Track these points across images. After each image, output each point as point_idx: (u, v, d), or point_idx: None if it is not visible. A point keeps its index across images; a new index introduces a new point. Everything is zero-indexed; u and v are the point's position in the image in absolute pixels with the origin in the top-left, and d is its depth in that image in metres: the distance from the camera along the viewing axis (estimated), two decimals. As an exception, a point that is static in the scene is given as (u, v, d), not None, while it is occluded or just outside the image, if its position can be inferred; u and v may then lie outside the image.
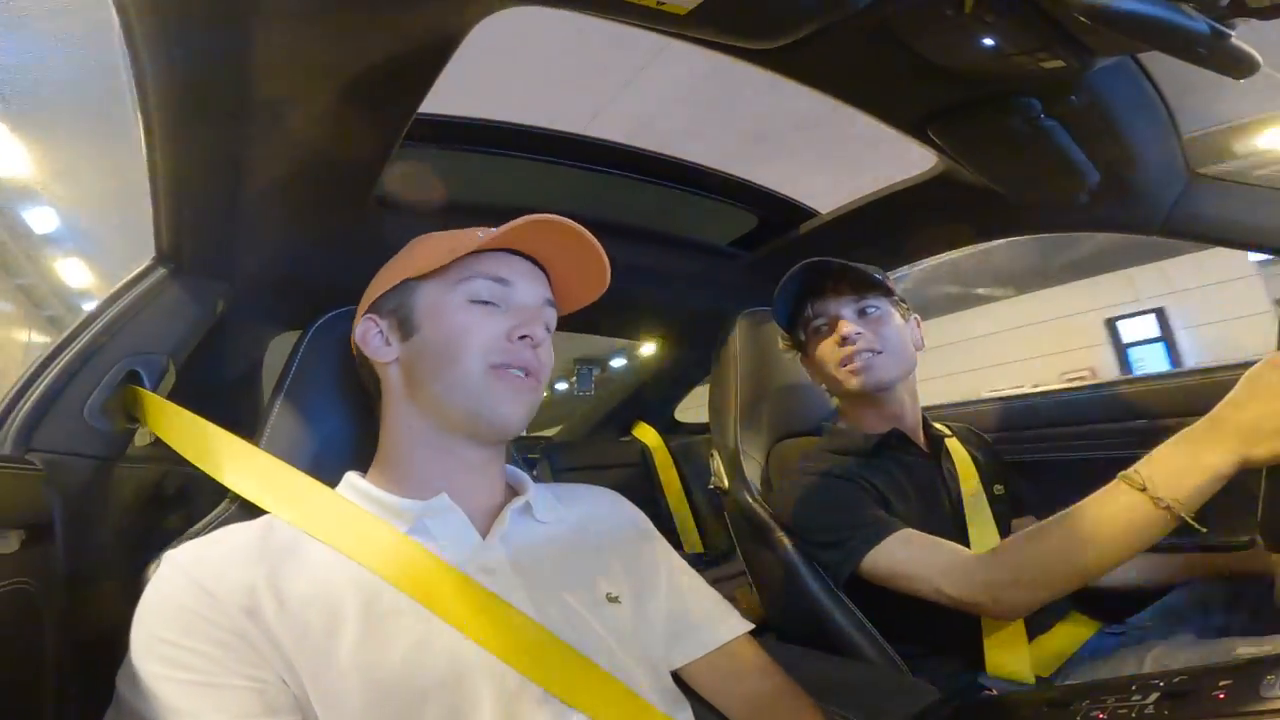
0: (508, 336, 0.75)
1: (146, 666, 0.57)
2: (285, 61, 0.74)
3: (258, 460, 0.78)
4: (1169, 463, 0.80)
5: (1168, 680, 0.66)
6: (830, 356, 1.20)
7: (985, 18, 0.78)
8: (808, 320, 1.24)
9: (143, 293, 0.97)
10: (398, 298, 0.79)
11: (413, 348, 0.77)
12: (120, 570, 0.85)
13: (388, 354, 0.78)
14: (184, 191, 0.89)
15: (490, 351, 0.74)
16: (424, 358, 0.75)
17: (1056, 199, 1.26)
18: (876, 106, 1.05)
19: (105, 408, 0.89)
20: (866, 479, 1.12)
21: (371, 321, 0.80)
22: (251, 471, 0.77)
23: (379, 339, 0.79)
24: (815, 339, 1.23)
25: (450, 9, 0.73)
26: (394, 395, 0.78)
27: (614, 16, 0.76)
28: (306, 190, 0.96)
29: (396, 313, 0.78)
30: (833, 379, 1.21)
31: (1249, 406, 0.75)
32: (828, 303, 1.22)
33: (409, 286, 0.79)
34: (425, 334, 0.76)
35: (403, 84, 0.82)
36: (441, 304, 0.76)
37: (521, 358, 0.75)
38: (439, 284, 0.77)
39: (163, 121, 0.78)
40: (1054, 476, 1.35)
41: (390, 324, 0.78)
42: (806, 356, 1.28)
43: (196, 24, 0.67)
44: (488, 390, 0.73)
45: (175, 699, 0.56)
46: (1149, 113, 1.05)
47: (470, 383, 0.73)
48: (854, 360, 1.17)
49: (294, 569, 0.65)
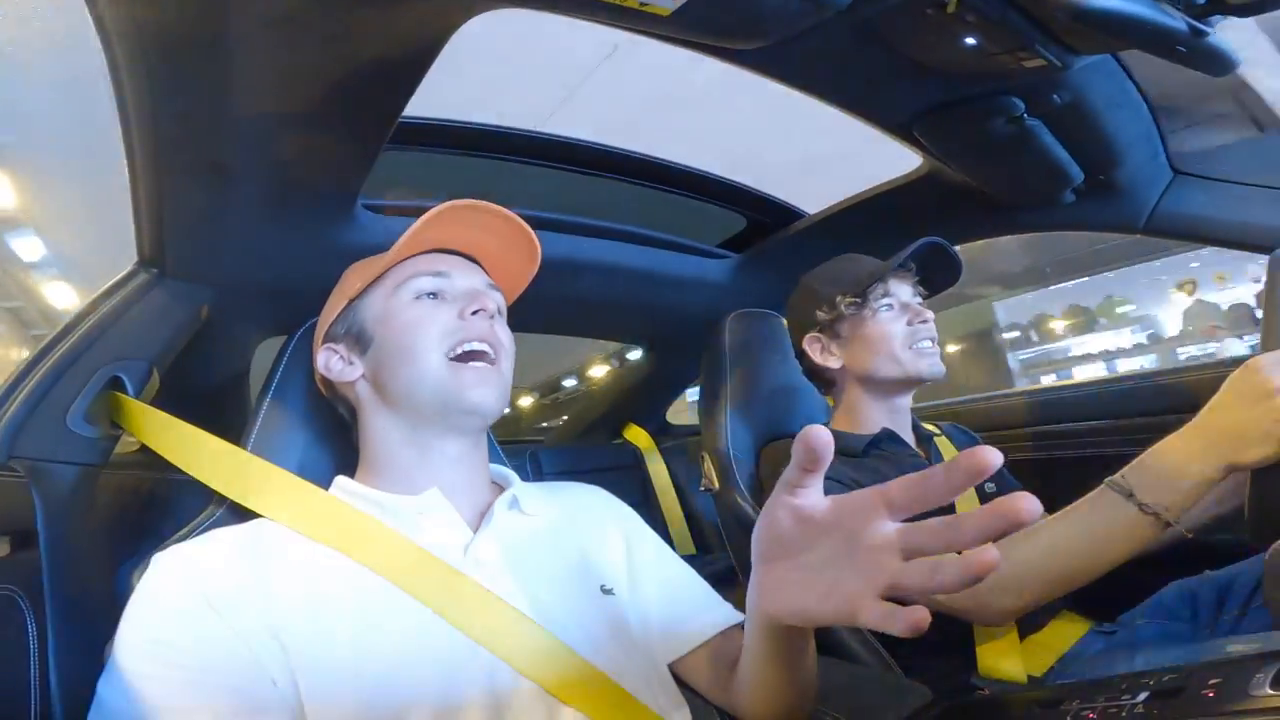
0: (460, 316, 0.76)
1: (135, 667, 0.57)
2: (268, 66, 0.73)
3: (245, 463, 0.78)
4: (1155, 469, 0.80)
5: (1157, 679, 0.66)
6: (899, 334, 1.19)
7: (968, 17, 0.79)
8: (871, 295, 1.21)
9: (125, 298, 0.96)
10: (345, 321, 0.81)
11: (372, 358, 0.78)
12: (106, 576, 0.84)
13: (352, 372, 0.80)
14: (166, 196, 0.88)
15: (446, 337, 0.75)
16: (385, 363, 0.77)
17: (1041, 198, 1.27)
18: (861, 107, 1.05)
19: (89, 414, 0.88)
20: (856, 481, 1.12)
21: (329, 351, 0.81)
22: (240, 474, 0.77)
23: (340, 363, 0.80)
24: (873, 314, 1.20)
25: (433, 13, 0.73)
26: (368, 406, 0.79)
27: (596, 18, 0.76)
28: (291, 194, 0.96)
29: (349, 333, 0.81)
30: (894, 359, 1.19)
31: (1232, 412, 0.75)
32: (903, 284, 1.22)
33: (353, 307, 0.81)
34: (380, 340, 0.78)
35: (387, 88, 0.82)
36: (388, 309, 0.78)
37: (478, 330, 0.76)
38: (380, 294, 0.80)
39: (144, 125, 0.78)
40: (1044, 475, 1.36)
41: (347, 345, 0.81)
42: (837, 335, 1.24)
43: (178, 29, 0.66)
44: (452, 378, 0.75)
45: (165, 699, 0.55)
46: (1132, 111, 1.06)
47: (433, 372, 0.75)
48: (924, 343, 1.18)
49: (284, 568, 0.65)
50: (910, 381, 1.21)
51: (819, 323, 1.25)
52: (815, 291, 1.27)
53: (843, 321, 1.23)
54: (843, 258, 1.28)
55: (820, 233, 1.56)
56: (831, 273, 1.27)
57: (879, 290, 1.20)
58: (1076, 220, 1.38)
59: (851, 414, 1.26)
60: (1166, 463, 0.79)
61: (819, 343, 1.26)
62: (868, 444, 1.19)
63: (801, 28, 0.81)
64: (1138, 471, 0.81)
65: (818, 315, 1.24)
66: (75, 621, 0.80)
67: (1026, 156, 1.12)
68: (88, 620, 0.81)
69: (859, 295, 1.20)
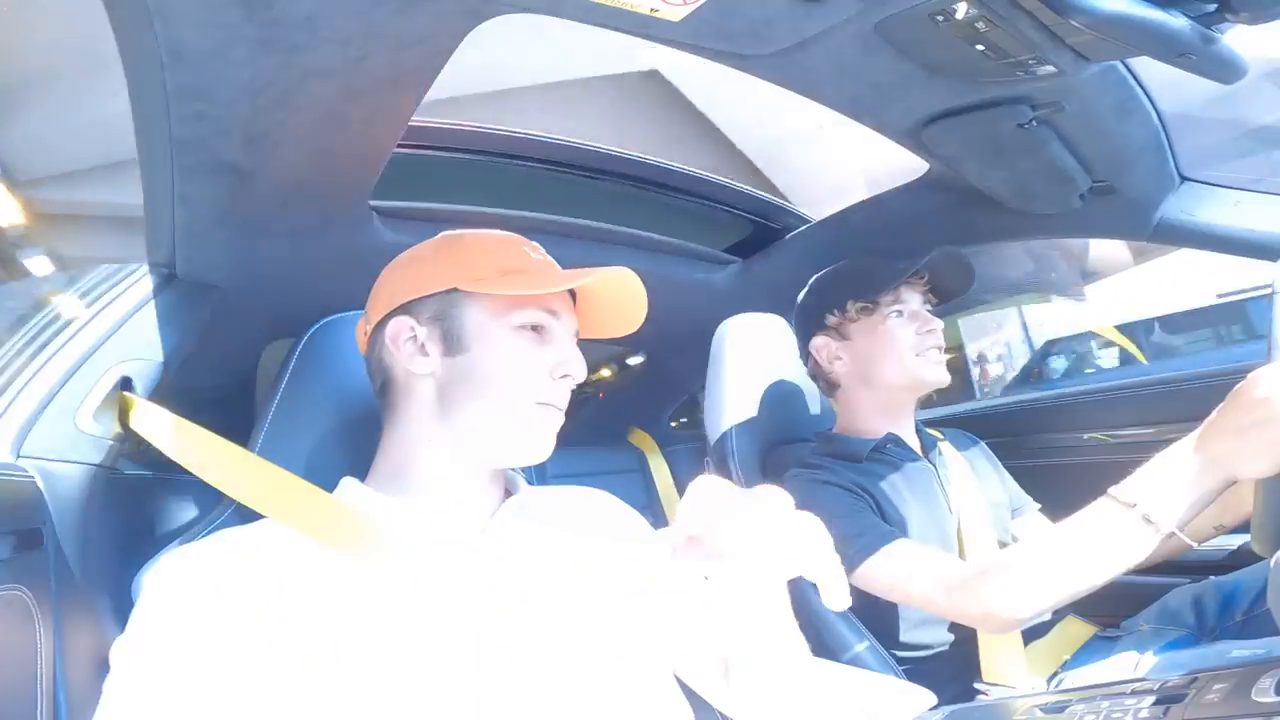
0: (550, 374, 0.74)
1: (142, 668, 0.57)
2: (282, 68, 0.74)
3: (253, 466, 0.78)
4: (1156, 480, 0.80)
5: (1161, 684, 0.66)
6: (908, 342, 1.19)
7: (977, 24, 0.79)
8: (882, 302, 1.21)
9: (135, 299, 0.97)
10: (443, 306, 0.74)
11: (456, 366, 0.73)
12: (114, 576, 0.85)
13: (423, 365, 0.73)
14: (178, 197, 0.89)
15: (536, 388, 0.73)
16: (468, 380, 0.73)
17: (1048, 204, 1.27)
18: (869, 113, 1.05)
19: (97, 414, 0.89)
20: (861, 486, 1.12)
21: (406, 324, 0.74)
22: (247, 477, 0.76)
23: (413, 345, 0.74)
24: (882, 320, 1.21)
25: (444, 17, 0.73)
26: (419, 407, 0.75)
27: (607, 25, 0.77)
28: (301, 196, 0.96)
29: (441, 323, 0.74)
30: (901, 365, 1.19)
31: (1234, 424, 0.75)
32: (914, 292, 1.22)
33: (457, 297, 0.74)
34: (475, 356, 0.73)
35: (398, 91, 0.83)
36: (494, 326, 0.73)
37: (561, 395, 0.75)
38: (488, 305, 0.74)
39: (157, 127, 0.78)
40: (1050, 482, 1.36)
41: (431, 332, 0.74)
42: (845, 338, 1.24)
43: (193, 32, 0.67)
44: (528, 425, 0.74)
45: (170, 699, 0.56)
46: (1139, 118, 1.06)
47: (513, 415, 0.73)
48: (931, 352, 1.19)
49: (291, 571, 0.65)
50: (915, 388, 1.22)
51: (828, 326, 1.25)
52: (826, 294, 1.27)
53: (850, 325, 1.23)
54: (855, 260, 1.28)
55: (825, 238, 1.56)
56: (843, 276, 1.27)
57: (890, 297, 1.20)
58: (1084, 226, 1.38)
59: (856, 418, 1.26)
60: (1168, 475, 0.79)
61: (827, 346, 1.26)
62: (871, 448, 1.19)
63: (809, 34, 0.81)
64: (1140, 482, 0.81)
65: (827, 318, 1.25)
66: (83, 621, 0.80)
67: (1034, 162, 1.12)
68: (95, 620, 0.81)
69: (870, 301, 1.20)
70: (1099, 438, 1.51)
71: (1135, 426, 1.47)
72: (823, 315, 1.26)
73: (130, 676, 0.57)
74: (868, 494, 1.11)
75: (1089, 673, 1.01)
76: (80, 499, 0.85)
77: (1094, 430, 1.53)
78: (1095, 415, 1.55)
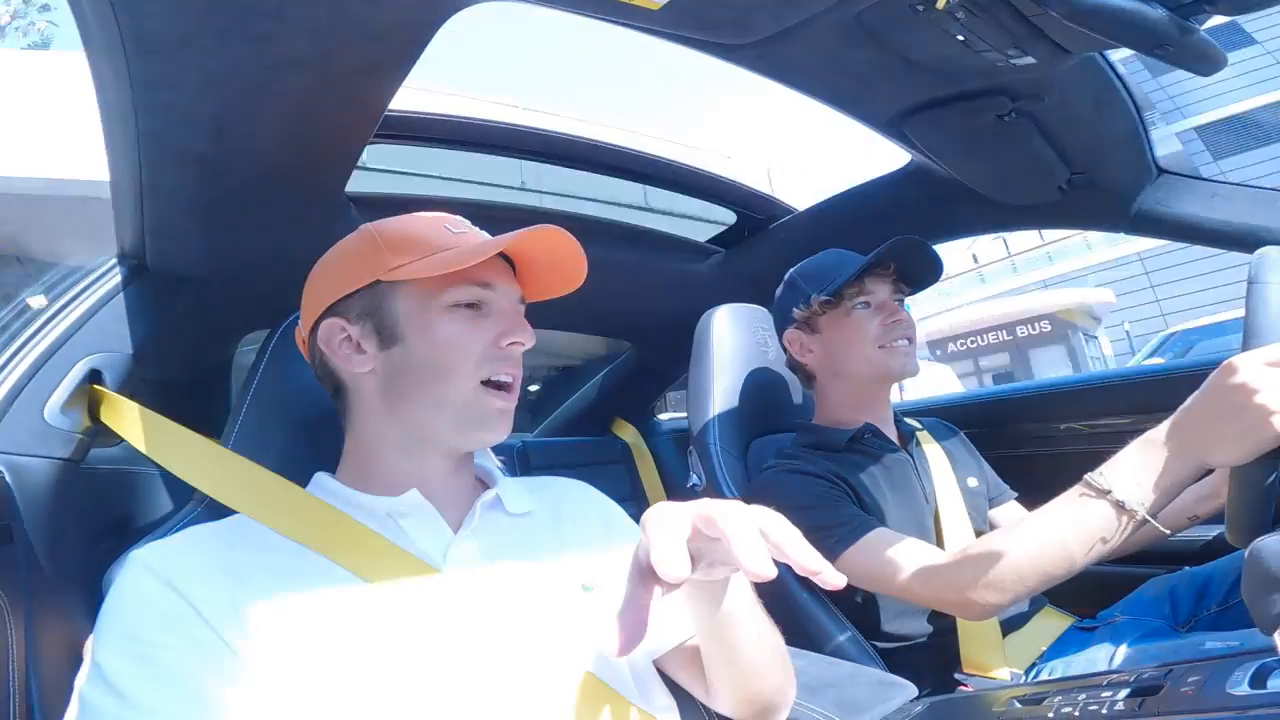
0: (495, 343, 0.73)
1: (113, 664, 0.56)
2: (253, 57, 0.72)
3: (225, 460, 0.77)
4: (1130, 467, 0.81)
5: (1138, 676, 0.67)
6: (871, 334, 1.19)
7: (957, 14, 0.79)
8: (846, 294, 1.21)
9: (105, 291, 0.95)
10: (370, 300, 0.73)
11: (394, 359, 0.72)
12: (85, 572, 0.83)
13: (362, 363, 0.73)
14: (147, 188, 0.87)
15: (481, 363, 0.72)
16: (409, 371, 0.72)
17: (1028, 195, 1.28)
18: (851, 104, 1.05)
19: (66, 407, 0.87)
20: (840, 476, 1.12)
21: (337, 326, 0.73)
22: (219, 471, 0.76)
23: (347, 346, 0.73)
24: (847, 314, 1.21)
25: (417, 7, 0.72)
26: (368, 403, 0.74)
27: (585, 12, 0.76)
28: (274, 186, 0.95)
29: (372, 318, 0.73)
30: (866, 357, 1.19)
31: (1207, 411, 0.76)
32: (881, 283, 1.21)
33: (379, 291, 0.72)
34: (411, 345, 0.72)
35: (373, 81, 0.81)
36: (425, 311, 0.72)
37: (511, 363, 0.74)
38: (416, 290, 0.72)
39: (125, 117, 0.76)
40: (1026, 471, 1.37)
41: (363, 330, 0.73)
42: (815, 331, 1.25)
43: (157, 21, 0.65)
44: (479, 407, 0.72)
45: (143, 696, 0.55)
46: (1118, 110, 1.07)
47: (461, 399, 0.72)
48: (898, 343, 1.19)
49: (263, 566, 0.64)
50: (883, 379, 1.22)
51: (798, 319, 1.26)
52: (796, 287, 1.28)
53: (819, 319, 1.24)
54: (827, 253, 1.29)
55: (808, 228, 1.57)
56: (812, 269, 1.28)
57: (854, 289, 1.20)
58: (1063, 218, 1.39)
59: (832, 408, 1.27)
60: (1141, 461, 0.80)
61: (799, 339, 1.27)
62: (849, 438, 1.19)
63: (789, 23, 0.81)
64: (1114, 469, 0.82)
65: (795, 312, 1.26)
66: (54, 617, 0.79)
67: (1013, 154, 1.13)
68: (66, 616, 0.80)
69: (834, 294, 1.21)
70: (1076, 428, 1.53)
71: (1112, 416, 1.49)
72: (791, 308, 1.26)
73: (100, 672, 0.56)
74: (846, 483, 1.12)
75: (1067, 663, 1.02)
76: (49, 493, 0.84)
77: (1071, 421, 1.54)
78: (1072, 405, 1.57)
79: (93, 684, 0.56)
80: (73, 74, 4.05)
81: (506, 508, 0.78)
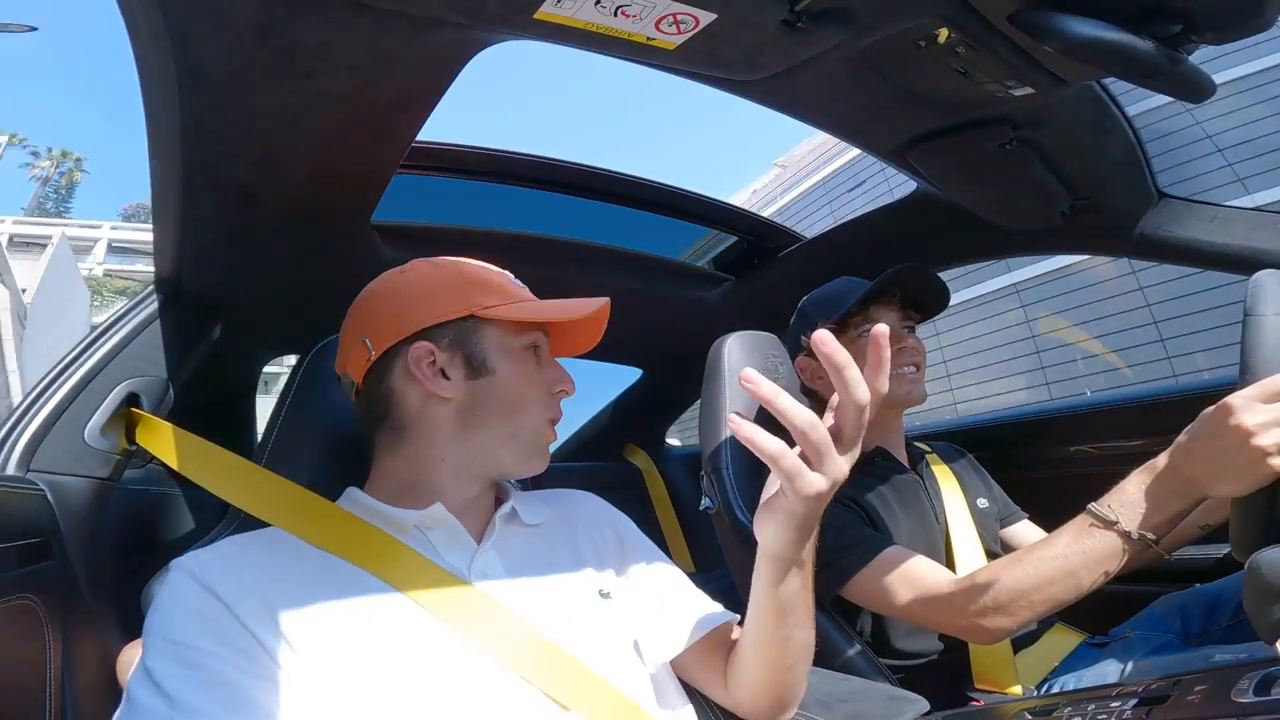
0: (550, 390, 0.80)
1: (159, 666, 0.58)
2: (296, 92, 0.77)
3: (260, 478, 0.80)
4: (1133, 497, 0.83)
5: (1146, 687, 0.68)
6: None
7: (957, 48, 0.82)
8: (852, 322, 1.23)
9: (143, 317, 0.99)
10: (461, 332, 0.76)
11: (479, 389, 0.76)
12: (121, 587, 0.86)
13: (447, 389, 0.75)
14: (188, 217, 0.91)
15: (547, 404, 0.79)
16: (490, 401, 0.76)
17: (1031, 221, 1.30)
18: (857, 134, 1.08)
19: (105, 429, 0.90)
20: (852, 498, 1.14)
21: (426, 349, 0.75)
22: (252, 487, 0.78)
23: (433, 371, 0.75)
24: (853, 341, 1.23)
25: (450, 44, 0.76)
26: (435, 428, 0.76)
27: (605, 52, 0.80)
28: (306, 215, 0.98)
29: (463, 348, 0.76)
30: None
31: (1205, 450, 0.78)
32: (887, 310, 1.24)
33: (475, 324, 0.77)
34: (499, 378, 0.76)
35: (403, 114, 0.85)
36: (510, 348, 0.78)
37: (558, 412, 0.81)
38: (503, 328, 0.78)
39: (171, 150, 0.80)
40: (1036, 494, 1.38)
41: (452, 358, 0.76)
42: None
43: (211, 57, 0.69)
44: (540, 440, 0.79)
45: (187, 697, 0.57)
46: (1116, 135, 1.09)
47: (531, 431, 0.78)
48: (904, 369, 1.21)
49: (300, 575, 0.66)
50: (890, 405, 1.24)
51: (804, 347, 1.29)
52: (806, 315, 1.31)
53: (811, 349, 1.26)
54: (839, 281, 1.31)
55: (816, 256, 1.59)
56: (821, 298, 1.31)
57: (859, 317, 1.23)
58: (1067, 243, 1.41)
59: None
60: (1144, 492, 0.83)
61: (809, 366, 1.30)
62: (862, 461, 1.21)
63: (798, 60, 0.84)
64: (1117, 498, 0.84)
65: (803, 339, 1.29)
66: (90, 631, 0.81)
67: (1016, 181, 1.15)
68: (102, 630, 0.83)
69: (838, 322, 1.23)
70: (1085, 450, 1.54)
71: (1121, 439, 1.49)
72: (801, 335, 1.30)
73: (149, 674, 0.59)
74: (858, 505, 1.13)
75: (1078, 678, 1.03)
76: (88, 512, 0.87)
77: (1080, 443, 1.55)
78: (1081, 429, 1.58)
79: (142, 686, 0.59)
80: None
81: (523, 519, 0.80)
